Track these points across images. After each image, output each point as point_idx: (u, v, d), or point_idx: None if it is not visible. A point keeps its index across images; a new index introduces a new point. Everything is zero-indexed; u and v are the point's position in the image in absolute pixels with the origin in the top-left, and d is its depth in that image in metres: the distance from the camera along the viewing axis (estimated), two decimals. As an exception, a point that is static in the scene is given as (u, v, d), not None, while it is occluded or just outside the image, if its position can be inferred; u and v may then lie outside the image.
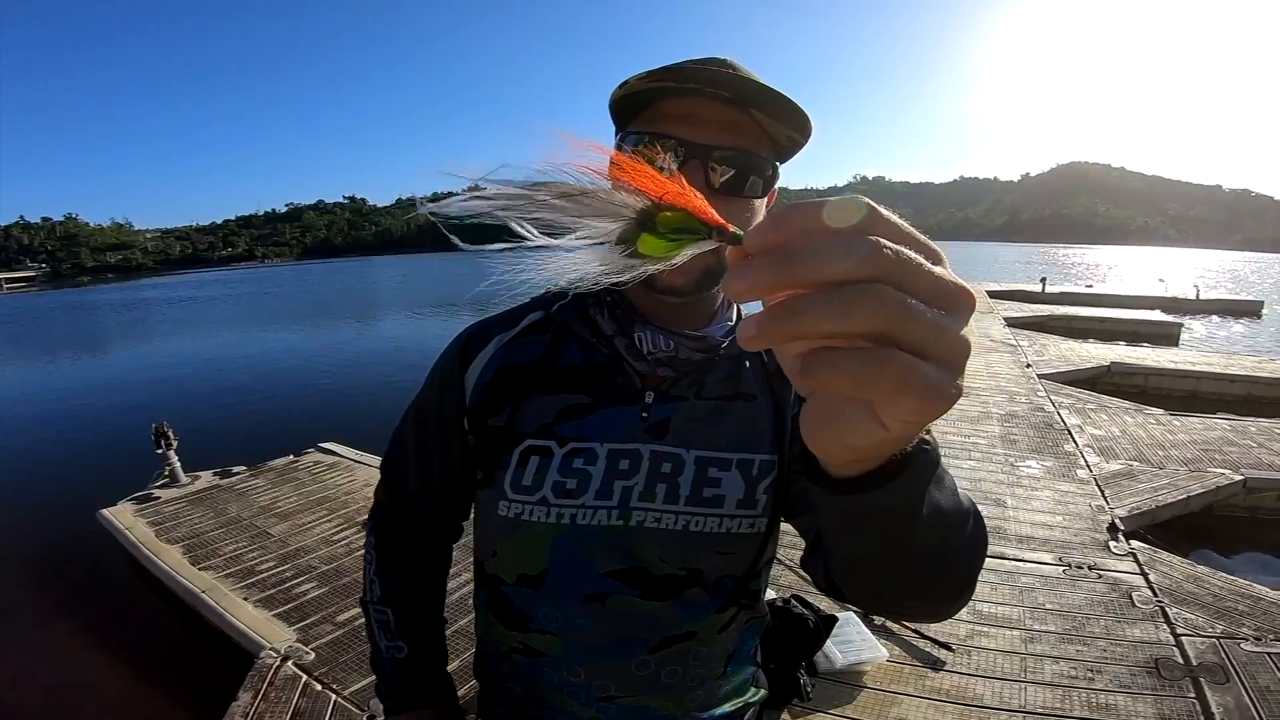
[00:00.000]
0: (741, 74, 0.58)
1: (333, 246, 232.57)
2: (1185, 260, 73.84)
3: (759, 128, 0.61)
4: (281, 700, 2.36)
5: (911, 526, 0.39)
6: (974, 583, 0.50)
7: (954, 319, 0.24)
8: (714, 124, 0.60)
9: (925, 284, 0.24)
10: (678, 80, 0.58)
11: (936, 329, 0.24)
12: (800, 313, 0.23)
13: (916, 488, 0.36)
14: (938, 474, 0.39)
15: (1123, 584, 2.98)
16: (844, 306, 0.22)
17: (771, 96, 0.58)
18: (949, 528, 0.42)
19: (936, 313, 0.24)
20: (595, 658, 0.70)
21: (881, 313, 0.22)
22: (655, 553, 0.68)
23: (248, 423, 8.28)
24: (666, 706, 0.72)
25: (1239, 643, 2.55)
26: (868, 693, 2.30)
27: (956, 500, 0.43)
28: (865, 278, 0.23)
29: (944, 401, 0.25)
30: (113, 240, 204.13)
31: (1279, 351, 11.46)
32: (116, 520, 4.05)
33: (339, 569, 3.38)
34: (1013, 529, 3.54)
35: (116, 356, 16.02)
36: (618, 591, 0.69)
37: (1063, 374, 7.53)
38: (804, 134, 0.63)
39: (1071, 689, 2.30)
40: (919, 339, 0.23)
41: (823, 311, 0.22)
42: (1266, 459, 4.64)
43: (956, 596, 0.50)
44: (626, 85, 0.60)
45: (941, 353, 0.24)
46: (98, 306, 36.87)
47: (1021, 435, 5.17)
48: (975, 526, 0.47)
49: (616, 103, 0.63)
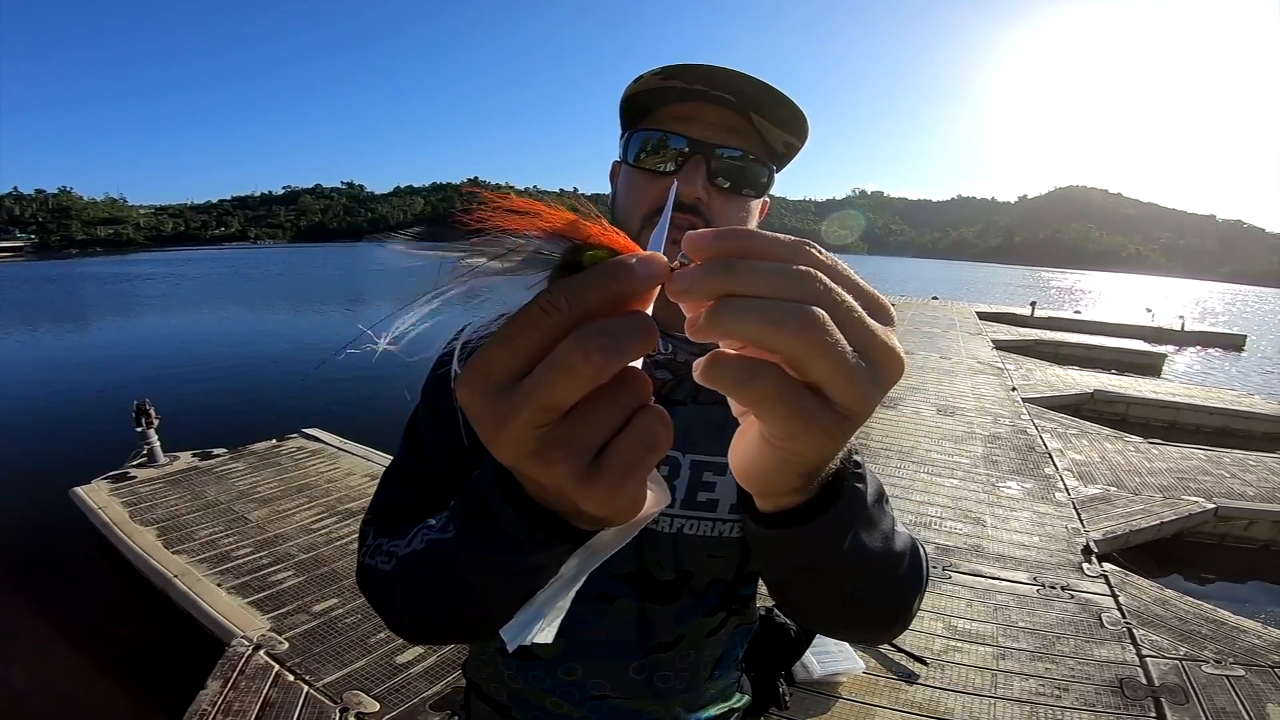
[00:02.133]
0: (745, 74, 0.60)
1: (327, 231, 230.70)
2: (1173, 290, 75.03)
3: (757, 134, 0.64)
4: (252, 690, 2.34)
5: (828, 565, 0.40)
6: (904, 617, 0.52)
7: (872, 376, 0.25)
8: (717, 126, 0.62)
9: (855, 331, 0.24)
10: (686, 80, 0.61)
11: (847, 375, 0.24)
12: (734, 311, 0.24)
13: (834, 529, 0.37)
14: (869, 517, 0.40)
15: (1094, 605, 3.03)
16: (775, 315, 0.23)
17: (774, 98, 0.60)
18: (874, 570, 0.43)
19: (859, 362, 0.24)
20: (595, 657, 0.70)
21: (806, 334, 0.23)
22: (654, 556, 0.69)
23: (231, 404, 8.18)
24: (654, 709, 0.72)
25: (1200, 665, 2.61)
26: (843, 703, 2.32)
27: (889, 544, 0.44)
28: (791, 298, 0.24)
29: (818, 436, 0.26)
30: (105, 214, 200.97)
31: (1259, 385, 11.69)
32: (89, 499, 3.99)
33: (317, 558, 3.35)
34: (991, 548, 3.59)
35: (99, 331, 15.78)
36: (625, 595, 0.69)
37: (1047, 399, 7.65)
38: (801, 139, 0.65)
39: (1039, 706, 2.33)
40: (828, 377, 0.24)
41: (754, 314, 0.23)
42: (1238, 489, 4.74)
43: (883, 628, 0.53)
44: (640, 80, 0.63)
45: (842, 399, 0.25)
46: (83, 279, 36.29)
47: (1004, 457, 5.24)
48: (910, 568, 0.48)
49: (627, 102, 0.66)
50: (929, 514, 4.01)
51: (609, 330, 0.23)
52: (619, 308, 0.24)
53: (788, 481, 0.32)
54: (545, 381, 0.23)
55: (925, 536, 3.67)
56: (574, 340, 0.23)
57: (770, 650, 0.95)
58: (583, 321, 0.23)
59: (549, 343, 0.24)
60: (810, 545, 0.37)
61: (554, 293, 0.24)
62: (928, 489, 4.45)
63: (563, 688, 0.71)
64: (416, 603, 0.51)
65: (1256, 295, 72.00)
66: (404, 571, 0.53)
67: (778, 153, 0.66)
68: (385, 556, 0.58)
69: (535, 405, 0.24)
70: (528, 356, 0.24)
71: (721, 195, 0.63)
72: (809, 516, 0.35)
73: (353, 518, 3.81)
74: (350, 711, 2.24)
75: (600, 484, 0.25)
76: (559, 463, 0.25)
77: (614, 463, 0.25)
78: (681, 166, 0.61)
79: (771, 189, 0.68)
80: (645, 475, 0.26)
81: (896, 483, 4.54)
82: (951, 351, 10.55)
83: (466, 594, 0.44)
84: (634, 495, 0.26)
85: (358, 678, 2.42)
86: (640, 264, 0.24)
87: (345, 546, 3.45)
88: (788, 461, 0.30)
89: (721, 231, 0.25)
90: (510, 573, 0.38)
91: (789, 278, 0.24)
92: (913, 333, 12.66)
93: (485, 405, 0.25)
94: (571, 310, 0.23)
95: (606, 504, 0.26)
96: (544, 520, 0.32)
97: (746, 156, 0.63)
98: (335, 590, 3.04)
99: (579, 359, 0.23)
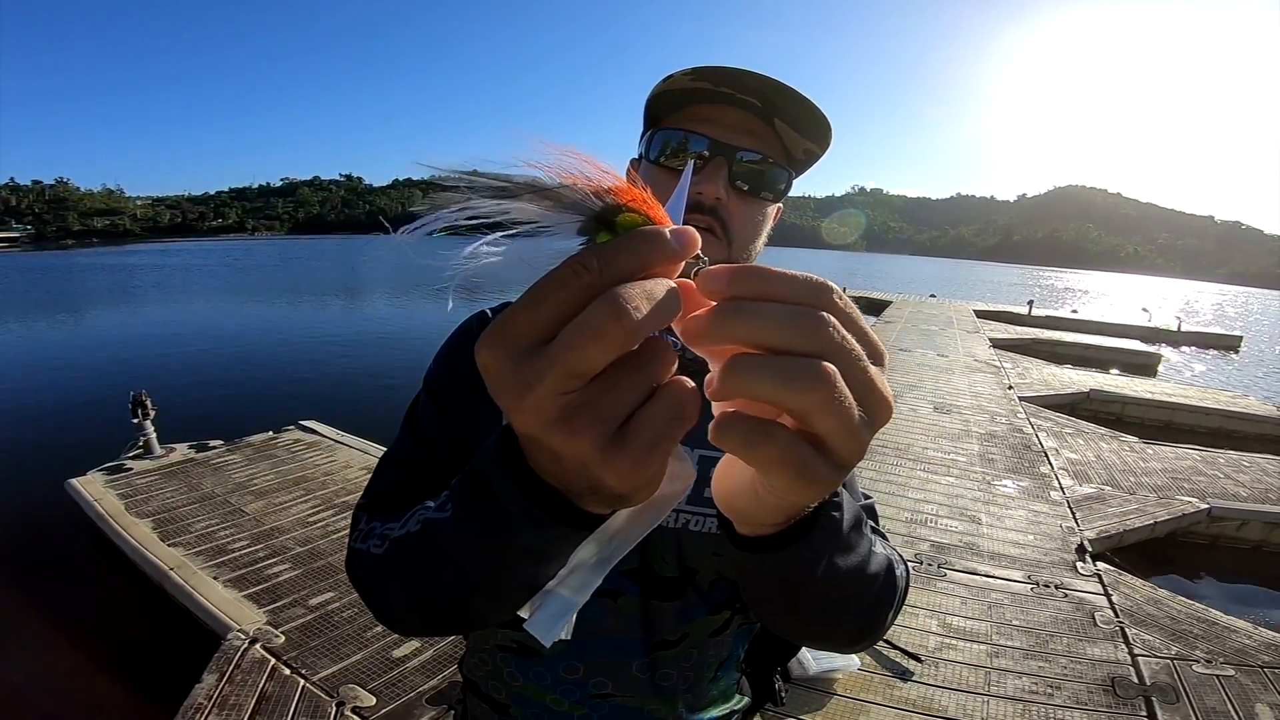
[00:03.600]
0: (774, 80, 0.60)
1: (325, 223, 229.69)
2: (1171, 290, 75.18)
3: (778, 140, 0.64)
4: (248, 684, 2.34)
5: (803, 586, 0.41)
6: (876, 631, 0.53)
7: (868, 424, 0.25)
8: (740, 129, 0.63)
9: (858, 382, 0.25)
10: (714, 81, 0.61)
11: (849, 430, 0.24)
12: (745, 372, 0.24)
13: (809, 556, 0.38)
14: (844, 543, 0.41)
15: (1087, 604, 3.05)
16: (786, 373, 0.23)
17: (800, 104, 0.61)
18: (848, 590, 0.45)
19: (860, 414, 0.25)
20: (598, 655, 0.70)
21: (814, 392, 0.23)
22: (659, 552, 0.68)
23: (227, 395, 8.16)
24: (657, 708, 0.72)
25: (1191, 664, 2.62)
26: (838, 700, 2.33)
27: (864, 564, 0.45)
28: (802, 350, 0.24)
29: (816, 489, 0.26)
30: (102, 205, 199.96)
31: (1253, 385, 11.74)
32: (85, 491, 3.98)
33: (314, 551, 3.35)
34: (985, 546, 3.60)
35: (94, 321, 15.72)
36: (629, 591, 0.69)
37: (1043, 397, 7.67)
38: (822, 147, 0.66)
39: (1032, 704, 2.35)
40: (832, 432, 0.24)
41: (765, 374, 0.23)
42: (1231, 489, 4.76)
43: (853, 642, 0.54)
44: (671, 79, 0.63)
45: (841, 452, 0.25)
46: (79, 270, 36.10)
47: (1000, 455, 5.26)
48: (884, 586, 0.50)
49: (653, 101, 0.66)
50: (925, 511, 4.02)
51: (643, 293, 0.23)
52: (647, 276, 0.24)
53: (772, 518, 0.34)
54: (573, 344, 0.23)
55: (921, 534, 3.69)
56: (606, 302, 0.22)
57: (767, 647, 0.96)
58: (612, 286, 0.23)
59: (577, 305, 0.23)
60: (785, 569, 0.38)
61: (585, 255, 0.24)
62: (924, 486, 4.46)
63: (564, 685, 0.71)
64: (408, 589, 0.49)
65: (1253, 297, 72.21)
66: (397, 555, 0.51)
67: (796, 159, 0.67)
68: (378, 540, 0.56)
69: (561, 370, 0.23)
70: (555, 318, 0.23)
71: (740, 198, 0.63)
72: (785, 544, 0.36)
73: (350, 511, 3.80)
74: (346, 706, 2.24)
75: (625, 456, 0.24)
76: (583, 431, 0.24)
77: (640, 434, 0.24)
78: (702, 168, 0.61)
79: (788, 194, 0.69)
80: (670, 448, 0.25)
81: (893, 479, 4.56)
82: (949, 349, 10.56)
83: (459, 580, 0.41)
84: (657, 470, 0.26)
85: (354, 672, 2.42)
86: (674, 236, 0.24)
87: (342, 540, 3.45)
88: (779, 507, 0.32)
89: (737, 272, 0.25)
90: (501, 557, 0.35)
91: (801, 328, 0.24)
92: (910, 330, 12.68)
93: (508, 369, 0.24)
94: (603, 273, 0.23)
95: (630, 477, 0.25)
96: (545, 497, 0.30)
97: (766, 160, 0.63)
98: (332, 584, 3.04)
99: (611, 321, 0.22)
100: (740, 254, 0.64)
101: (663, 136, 0.64)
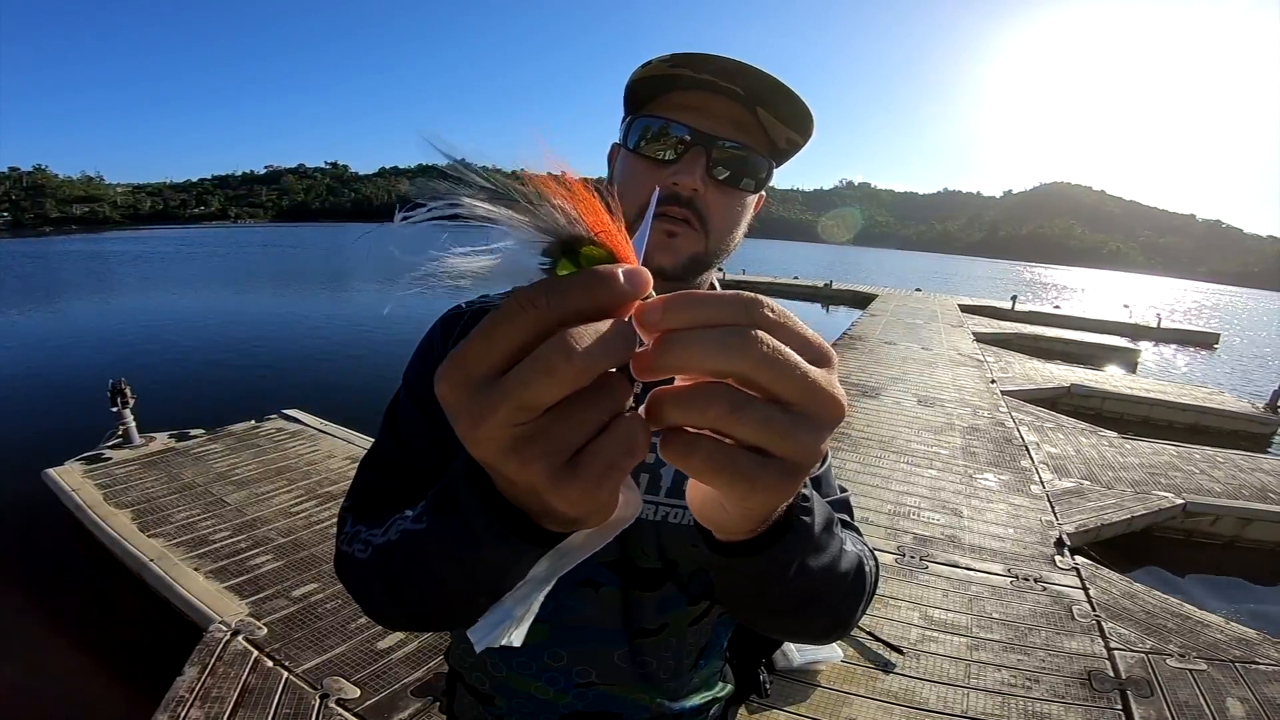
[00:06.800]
0: (756, 68, 0.59)
1: (309, 211, 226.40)
2: (1152, 287, 76.42)
3: (761, 129, 0.63)
4: (230, 676, 2.32)
5: (775, 585, 0.43)
6: (844, 627, 0.56)
7: (812, 423, 0.26)
8: (721, 118, 0.61)
9: (793, 386, 0.25)
10: (694, 68, 0.59)
11: (779, 433, 0.25)
12: (664, 404, 0.26)
13: (781, 559, 0.40)
14: (816, 545, 0.43)
15: (1065, 597, 3.11)
16: (698, 400, 0.25)
17: (782, 93, 0.59)
18: (819, 589, 0.47)
19: (784, 417, 0.25)
20: (580, 643, 0.71)
21: (713, 409, 0.25)
22: (638, 544, 0.69)
23: (208, 383, 8.03)
24: (639, 696, 0.73)
25: (1165, 658, 2.69)
26: (821, 692, 2.36)
27: (834, 563, 0.47)
28: (734, 370, 0.25)
29: (769, 494, 0.27)
30: (81, 192, 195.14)
31: (1229, 381, 12.00)
32: (63, 481, 3.90)
33: (297, 542, 3.32)
34: (966, 539, 3.66)
35: (73, 309, 15.37)
36: (609, 582, 0.69)
37: (1025, 392, 7.78)
38: (804, 136, 0.65)
39: (1010, 696, 2.39)
40: (757, 439, 0.26)
41: (679, 405, 0.25)
42: (1206, 485, 4.87)
43: (822, 637, 0.56)
44: (649, 66, 0.62)
45: (785, 453, 0.26)
46: (58, 257, 35.28)
47: (982, 448, 5.33)
48: (854, 584, 0.52)
49: (633, 86, 0.64)
50: (908, 504, 4.07)
51: (595, 333, 0.23)
52: (599, 314, 0.24)
53: (743, 525, 0.36)
54: (525, 380, 0.23)
55: (904, 526, 3.73)
56: (557, 341, 0.23)
57: (751, 639, 0.97)
58: (562, 322, 0.24)
59: (529, 340, 0.24)
60: (759, 571, 0.40)
61: (535, 290, 0.24)
62: (907, 479, 4.52)
63: (548, 674, 0.72)
64: (390, 594, 0.52)
65: (1231, 295, 73.65)
66: (379, 562, 0.54)
67: (779, 148, 0.66)
68: (362, 545, 0.58)
69: (513, 403, 0.24)
70: (507, 352, 0.24)
71: (718, 188, 0.62)
72: (758, 549, 0.38)
73: (333, 501, 3.77)
74: (330, 698, 2.23)
75: (575, 485, 0.25)
76: (534, 462, 0.25)
77: (590, 465, 0.25)
78: (681, 156, 0.60)
79: (770, 183, 0.68)
80: (621, 479, 0.26)
81: (876, 472, 4.61)
82: (933, 343, 10.68)
83: (435, 588, 0.44)
84: (608, 498, 0.27)
85: (338, 663, 2.41)
86: (626, 277, 0.25)
87: (325, 530, 3.42)
88: (744, 515, 0.34)
89: (669, 304, 0.25)
90: (469, 569, 0.37)
91: (730, 348, 0.25)
92: (896, 324, 12.81)
93: (463, 400, 0.25)
94: (550, 310, 0.24)
95: (580, 505, 0.26)
96: (506, 516, 0.32)
97: (748, 151, 0.62)
98: (315, 575, 3.01)
99: (561, 360, 0.23)
100: (718, 245, 0.63)
101: (642, 124, 0.62)
